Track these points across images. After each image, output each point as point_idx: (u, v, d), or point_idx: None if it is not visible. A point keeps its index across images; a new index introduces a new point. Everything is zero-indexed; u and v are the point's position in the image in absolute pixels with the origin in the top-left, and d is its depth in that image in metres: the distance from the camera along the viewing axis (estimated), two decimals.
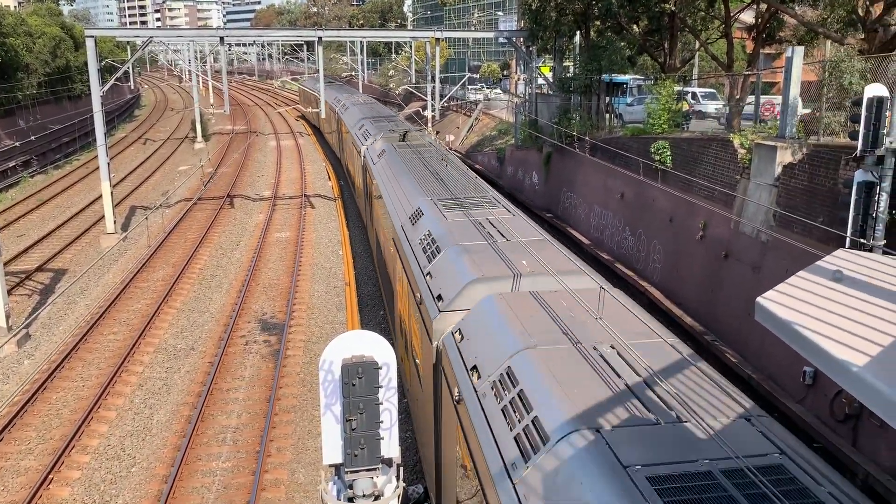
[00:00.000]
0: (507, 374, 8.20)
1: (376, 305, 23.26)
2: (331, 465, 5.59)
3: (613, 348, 8.43)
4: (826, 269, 5.11)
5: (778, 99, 23.64)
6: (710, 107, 25.98)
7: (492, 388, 8.24)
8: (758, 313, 4.89)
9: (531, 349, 8.51)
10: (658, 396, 7.31)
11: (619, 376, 7.76)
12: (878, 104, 11.98)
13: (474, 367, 8.91)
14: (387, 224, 18.16)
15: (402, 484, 5.70)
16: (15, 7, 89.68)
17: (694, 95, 27.27)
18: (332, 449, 5.52)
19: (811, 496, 5.57)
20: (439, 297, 10.99)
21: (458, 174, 20.23)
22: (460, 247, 12.38)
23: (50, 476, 14.34)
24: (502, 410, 7.79)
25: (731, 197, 19.22)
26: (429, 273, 12.17)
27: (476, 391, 8.50)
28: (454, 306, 10.48)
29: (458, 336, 9.90)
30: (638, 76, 35.38)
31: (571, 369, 7.98)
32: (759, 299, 4.93)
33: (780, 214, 17.01)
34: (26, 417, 16.61)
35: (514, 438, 7.29)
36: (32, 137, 50.80)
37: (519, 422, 7.41)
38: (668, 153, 22.64)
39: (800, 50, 17.68)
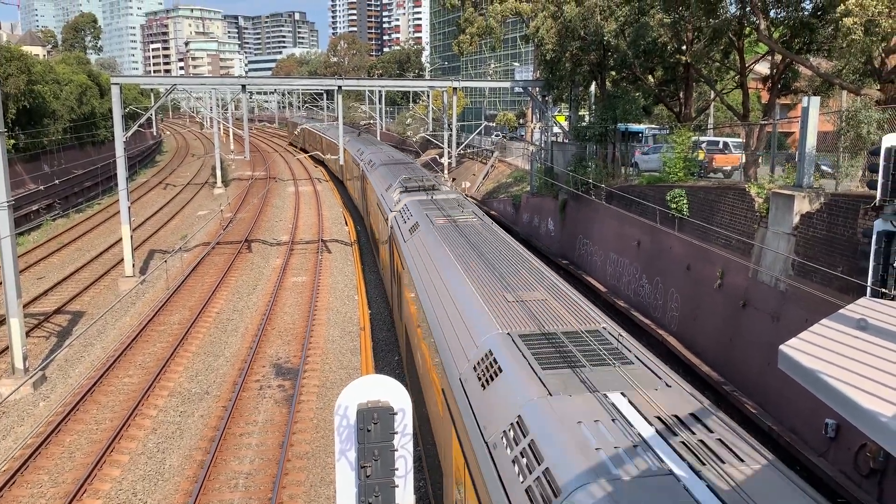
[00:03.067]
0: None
1: (391, 350, 23.17)
2: None
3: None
4: (850, 317, 5.03)
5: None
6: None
7: None
8: (781, 361, 4.82)
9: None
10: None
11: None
12: (895, 154, 11.94)
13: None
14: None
15: None
16: (44, 55, 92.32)
17: (726, 145, 27.12)
18: (347, 496, 5.45)
19: (620, 353, 9.14)
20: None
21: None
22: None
23: None
24: None
25: (748, 245, 19.12)
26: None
27: None
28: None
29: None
30: (653, 125, 35.64)
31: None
32: (782, 347, 4.86)
33: (798, 263, 16.88)
34: (39, 460, 16.54)
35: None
36: (56, 181, 51.72)
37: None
38: (685, 201, 22.64)
39: (816, 100, 17.75)
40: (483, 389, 8.84)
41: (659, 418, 7.27)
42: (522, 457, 7.13)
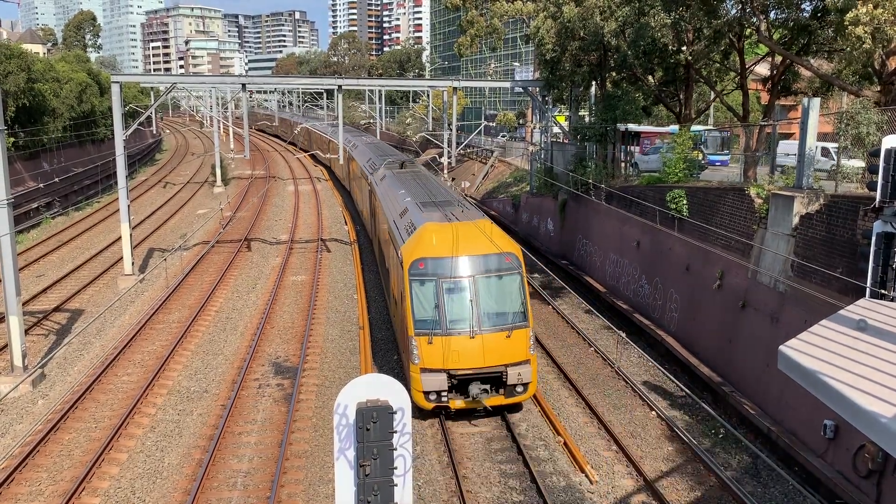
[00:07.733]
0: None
1: (390, 350, 23.16)
2: None
3: None
4: (849, 318, 5.03)
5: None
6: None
7: None
8: (781, 362, 4.82)
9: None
10: None
11: None
12: (895, 155, 11.95)
13: None
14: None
15: None
16: (44, 53, 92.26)
17: (826, 151, 23.40)
18: (346, 495, 5.45)
19: None
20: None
21: None
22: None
23: None
24: None
25: (747, 246, 19.13)
26: None
27: None
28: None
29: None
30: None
31: None
32: (781, 348, 4.86)
33: (798, 264, 16.88)
34: (38, 458, 16.54)
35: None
36: (56, 179, 51.68)
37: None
38: (685, 202, 22.64)
39: (816, 101, 17.76)
40: None
41: None
42: None
